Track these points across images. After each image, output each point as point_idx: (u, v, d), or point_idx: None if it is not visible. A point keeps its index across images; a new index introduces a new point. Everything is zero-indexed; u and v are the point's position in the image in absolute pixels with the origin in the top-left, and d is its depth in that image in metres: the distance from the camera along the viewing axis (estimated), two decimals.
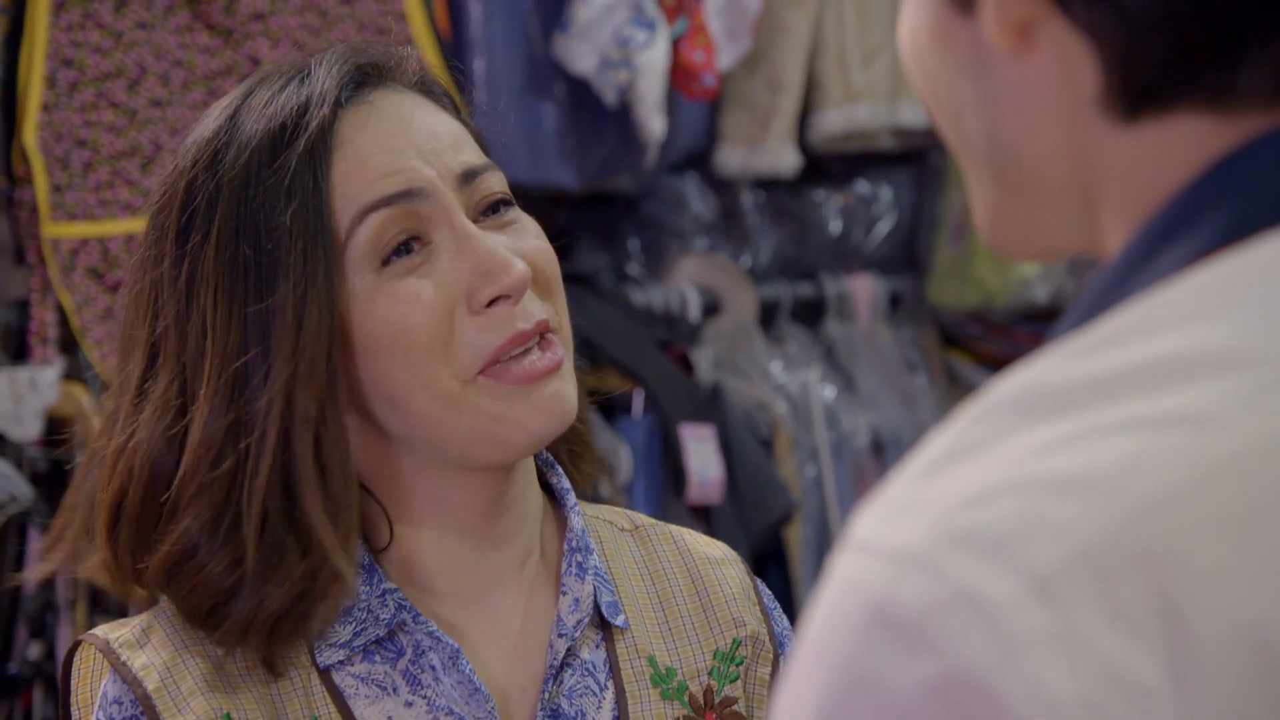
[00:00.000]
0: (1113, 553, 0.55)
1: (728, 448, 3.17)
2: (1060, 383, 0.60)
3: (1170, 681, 0.54)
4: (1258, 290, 0.61)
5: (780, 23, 3.48)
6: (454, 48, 3.04)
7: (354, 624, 1.21)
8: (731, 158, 3.53)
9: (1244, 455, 0.57)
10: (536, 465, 1.30)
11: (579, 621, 1.24)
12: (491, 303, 1.20)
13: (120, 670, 1.20)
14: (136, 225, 2.65)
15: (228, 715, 1.19)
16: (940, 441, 0.61)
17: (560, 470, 1.32)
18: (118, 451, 1.21)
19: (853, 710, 0.58)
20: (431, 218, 1.20)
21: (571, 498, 1.30)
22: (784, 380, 3.52)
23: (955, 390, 3.80)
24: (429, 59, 2.82)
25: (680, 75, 3.22)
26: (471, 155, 1.25)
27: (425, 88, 1.28)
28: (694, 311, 3.41)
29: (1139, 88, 0.66)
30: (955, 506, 0.58)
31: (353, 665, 1.22)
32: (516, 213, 1.26)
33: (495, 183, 1.24)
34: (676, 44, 3.20)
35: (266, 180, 1.19)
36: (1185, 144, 0.66)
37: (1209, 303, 0.61)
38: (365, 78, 1.25)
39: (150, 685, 1.19)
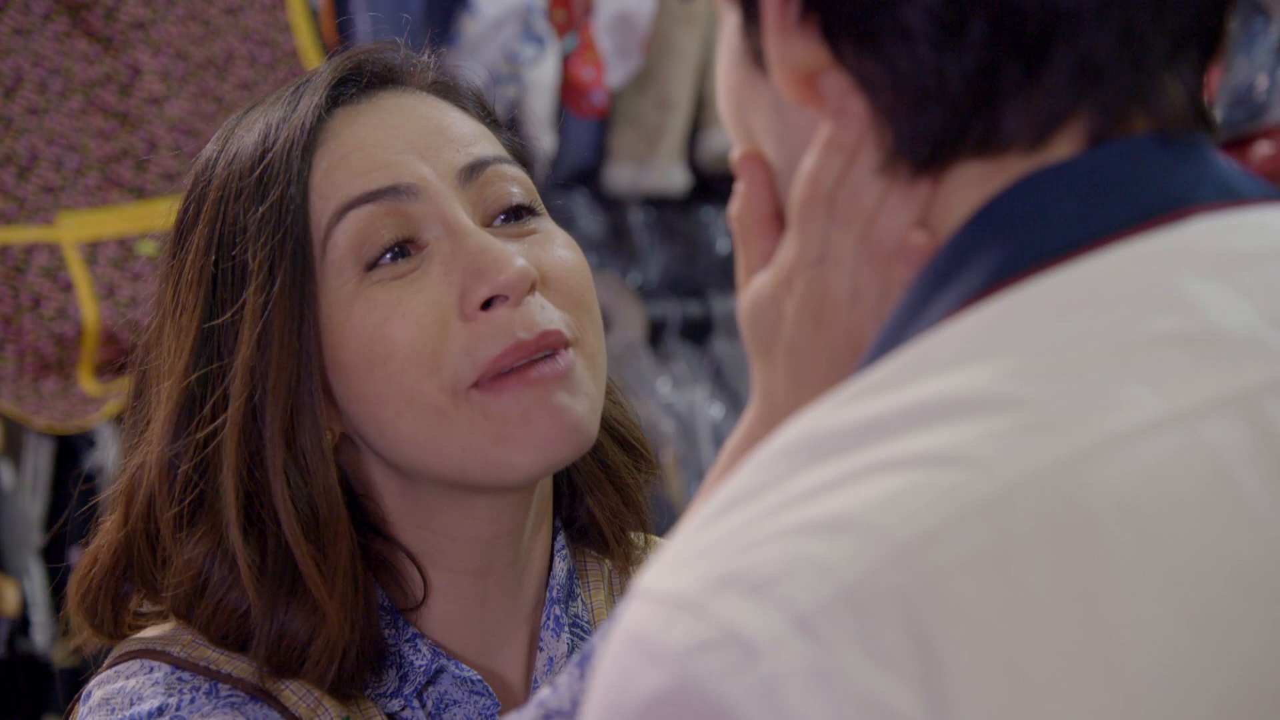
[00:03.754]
0: (872, 591, 0.57)
1: None
2: (832, 427, 0.62)
3: (925, 712, 0.56)
4: (1019, 334, 0.63)
5: (670, 41, 3.49)
6: None
7: (397, 670, 1.10)
8: (620, 175, 3.53)
9: (999, 495, 0.59)
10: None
11: None
12: (487, 306, 1.06)
13: (205, 672, 1.07)
14: (12, 235, 2.60)
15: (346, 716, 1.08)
16: (724, 489, 0.63)
17: (578, 503, 1.19)
18: (116, 495, 1.11)
19: None
20: (424, 219, 1.07)
21: (560, 539, 1.17)
22: (672, 399, 3.52)
23: None
24: None
25: (570, 92, 3.21)
26: (483, 148, 1.11)
27: (444, 90, 1.15)
28: None
29: (920, 152, 0.67)
30: (727, 552, 0.60)
31: (406, 714, 1.10)
32: (543, 222, 1.12)
33: (511, 183, 1.11)
34: (566, 61, 3.20)
35: (245, 186, 1.07)
36: (960, 189, 0.68)
37: (972, 347, 0.63)
38: (371, 78, 1.12)
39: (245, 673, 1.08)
